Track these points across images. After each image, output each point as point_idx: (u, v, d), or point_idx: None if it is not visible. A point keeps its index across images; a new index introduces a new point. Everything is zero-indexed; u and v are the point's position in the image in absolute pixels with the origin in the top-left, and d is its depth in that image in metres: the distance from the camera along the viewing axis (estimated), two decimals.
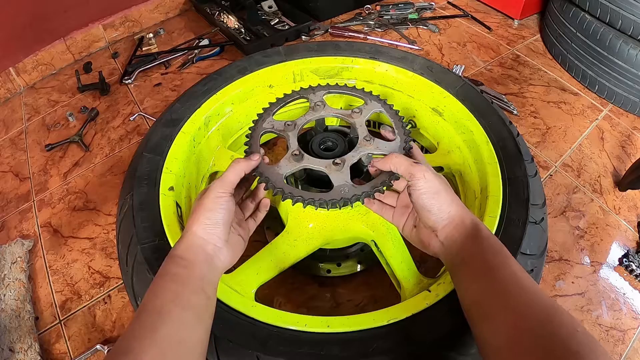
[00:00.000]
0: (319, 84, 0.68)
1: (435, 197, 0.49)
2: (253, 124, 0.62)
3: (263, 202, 0.60)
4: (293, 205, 0.54)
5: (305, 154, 0.57)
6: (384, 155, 0.56)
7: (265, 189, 0.55)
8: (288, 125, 0.61)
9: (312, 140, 0.62)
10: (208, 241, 0.47)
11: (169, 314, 0.41)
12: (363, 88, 0.68)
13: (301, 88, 0.68)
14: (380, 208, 0.61)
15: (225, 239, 0.49)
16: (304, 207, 0.54)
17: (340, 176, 0.55)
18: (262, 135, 0.60)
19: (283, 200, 0.54)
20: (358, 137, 0.59)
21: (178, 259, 0.46)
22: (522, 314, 0.39)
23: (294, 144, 0.58)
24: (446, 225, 0.49)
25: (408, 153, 0.57)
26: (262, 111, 0.64)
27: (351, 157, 0.56)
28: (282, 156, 0.57)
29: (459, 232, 0.48)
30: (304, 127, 0.63)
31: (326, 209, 0.54)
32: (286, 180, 0.55)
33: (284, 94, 0.67)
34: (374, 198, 0.55)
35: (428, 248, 0.53)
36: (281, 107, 0.65)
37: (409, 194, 0.51)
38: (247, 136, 0.60)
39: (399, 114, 0.62)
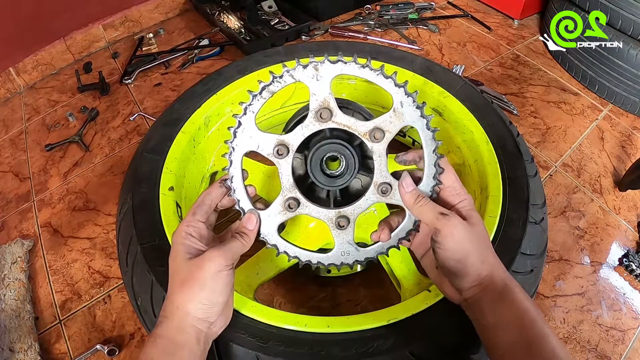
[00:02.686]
0: (326, 58, 0.43)
1: (463, 261, 0.42)
2: (231, 135, 0.45)
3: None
4: (288, 262, 0.49)
5: (304, 200, 0.46)
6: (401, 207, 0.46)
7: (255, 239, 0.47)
8: (279, 152, 0.45)
9: (313, 155, 0.47)
10: (204, 320, 0.42)
11: None
12: (395, 73, 0.45)
13: (296, 66, 0.44)
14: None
15: (222, 310, 0.43)
16: (300, 267, 0.50)
17: (343, 237, 0.47)
18: (242, 157, 0.46)
19: (277, 256, 0.49)
20: (373, 165, 0.46)
21: (165, 342, 0.40)
22: None
23: (287, 182, 0.46)
24: (472, 287, 0.43)
25: (436, 186, 0.45)
26: (240, 110, 0.45)
27: (359, 209, 0.46)
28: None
29: (487, 294, 0.42)
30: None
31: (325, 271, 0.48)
32: (279, 229, 0.48)
33: (259, 84, 0.45)
34: (378, 262, 0.47)
35: (449, 297, 0.48)
36: (264, 103, 0.45)
37: (432, 249, 0.45)
38: (225, 169, 0.46)
39: (436, 136, 0.44)
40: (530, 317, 0.40)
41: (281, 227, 0.49)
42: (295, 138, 0.45)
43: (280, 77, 0.44)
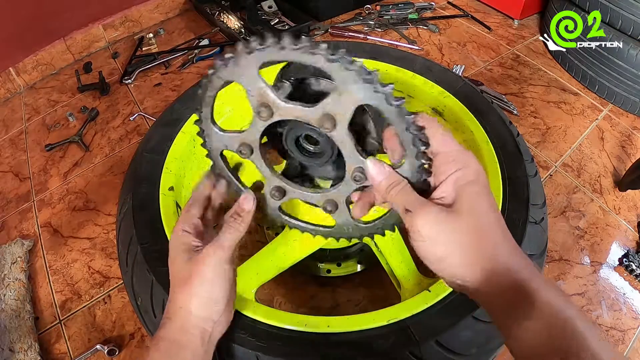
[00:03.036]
0: (242, 49, 0.35)
1: (438, 263, 0.34)
2: (199, 128, 0.44)
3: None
4: (302, 233, 0.49)
5: (289, 187, 0.45)
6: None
7: (258, 223, 0.48)
8: (242, 152, 0.43)
9: (287, 137, 0.43)
10: (207, 318, 0.40)
11: None
12: (328, 44, 0.33)
13: (218, 65, 0.37)
14: None
15: (224, 308, 0.42)
16: (314, 236, 0.50)
17: (340, 217, 0.46)
18: (220, 154, 0.45)
19: (291, 229, 0.50)
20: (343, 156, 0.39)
21: (167, 344, 0.39)
22: None
23: (267, 173, 0.45)
24: (473, 290, 0.33)
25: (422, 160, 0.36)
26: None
27: (345, 193, 0.42)
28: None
29: (500, 302, 0.32)
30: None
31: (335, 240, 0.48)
32: (280, 208, 0.47)
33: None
34: (383, 234, 0.44)
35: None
36: (212, 106, 0.42)
37: None
38: (207, 156, 0.46)
39: (403, 107, 0.33)
40: (569, 322, 0.30)
41: (281, 209, 0.49)
42: (253, 136, 0.41)
43: (210, 81, 0.39)
